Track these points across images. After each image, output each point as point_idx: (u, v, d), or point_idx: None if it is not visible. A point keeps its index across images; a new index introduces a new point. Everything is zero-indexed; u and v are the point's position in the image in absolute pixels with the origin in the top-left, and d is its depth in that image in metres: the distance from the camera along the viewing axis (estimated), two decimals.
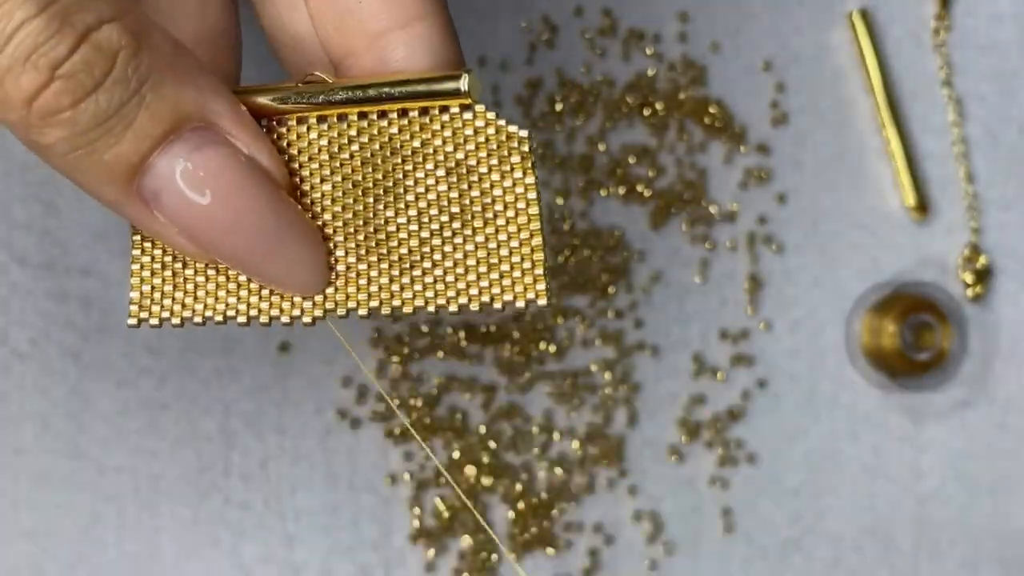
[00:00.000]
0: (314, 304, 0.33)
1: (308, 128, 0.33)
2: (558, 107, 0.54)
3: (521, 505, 0.53)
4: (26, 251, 0.51)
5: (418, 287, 0.32)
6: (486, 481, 0.53)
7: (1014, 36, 0.55)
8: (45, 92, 0.28)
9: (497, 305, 0.32)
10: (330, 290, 0.33)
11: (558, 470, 0.53)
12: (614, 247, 0.53)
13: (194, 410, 0.52)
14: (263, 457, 0.52)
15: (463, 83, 0.32)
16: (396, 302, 0.32)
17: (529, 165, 0.32)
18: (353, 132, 0.33)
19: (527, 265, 0.32)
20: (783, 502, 0.54)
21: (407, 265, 0.32)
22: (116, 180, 0.30)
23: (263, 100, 0.33)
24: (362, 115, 0.33)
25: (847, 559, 0.54)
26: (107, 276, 0.52)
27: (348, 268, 0.33)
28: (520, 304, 0.32)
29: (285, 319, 0.33)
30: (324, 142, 0.33)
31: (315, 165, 0.33)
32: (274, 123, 0.33)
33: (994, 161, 0.55)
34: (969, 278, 0.54)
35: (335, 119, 0.33)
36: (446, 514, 0.53)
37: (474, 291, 0.32)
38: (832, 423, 0.54)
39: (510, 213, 0.32)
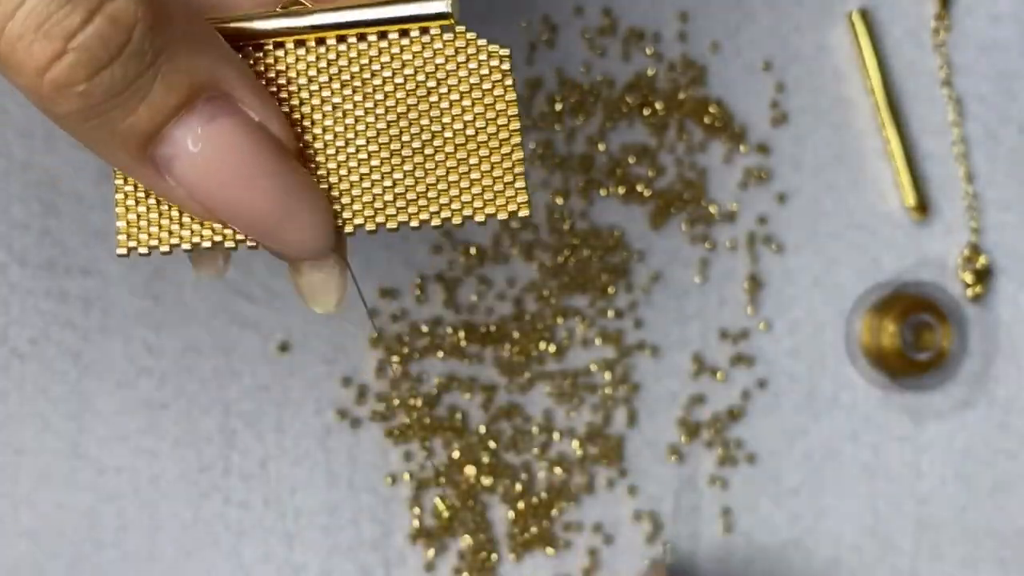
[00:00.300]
0: None
1: (286, 53, 0.33)
2: (558, 107, 0.54)
3: (521, 505, 0.53)
4: (26, 251, 0.51)
5: (400, 203, 0.33)
6: (486, 481, 0.53)
7: (1014, 36, 0.55)
8: (58, 63, 0.28)
9: (479, 219, 0.33)
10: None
11: (558, 470, 0.53)
12: (614, 247, 0.53)
13: (194, 410, 0.52)
14: (263, 457, 0.52)
15: (446, 4, 0.33)
16: (379, 219, 0.33)
17: (509, 82, 0.33)
18: (332, 55, 0.33)
19: (508, 179, 0.33)
20: (783, 502, 0.54)
21: (388, 183, 0.33)
22: (129, 148, 0.30)
23: (241, 25, 0.33)
24: (341, 39, 0.33)
25: (847, 559, 0.54)
26: (107, 276, 0.52)
27: (331, 188, 0.33)
28: (502, 216, 0.33)
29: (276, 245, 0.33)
30: (302, 66, 0.33)
31: (293, 88, 0.33)
32: (249, 48, 0.33)
33: (994, 161, 0.55)
34: (969, 278, 0.54)
35: (313, 43, 0.33)
36: (446, 514, 0.53)
37: (456, 205, 0.33)
38: (832, 423, 0.54)
39: (491, 129, 0.33)
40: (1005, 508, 0.54)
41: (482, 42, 0.33)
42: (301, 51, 0.33)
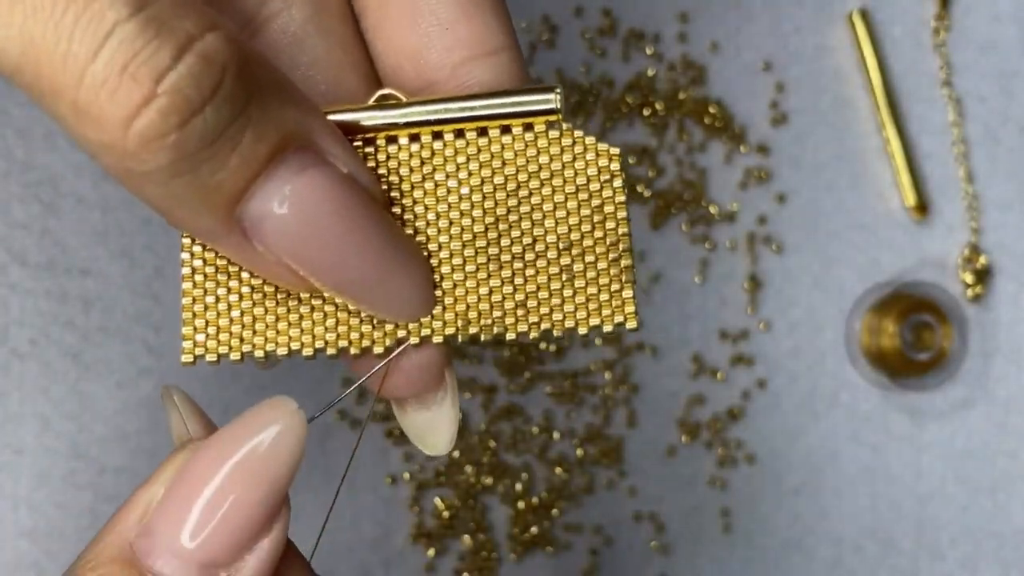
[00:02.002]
0: (385, 333, 0.30)
1: (376, 150, 0.31)
2: None
3: (521, 505, 0.53)
4: (26, 251, 0.51)
5: (497, 313, 0.30)
6: (486, 481, 0.53)
7: (1014, 36, 0.55)
8: (147, 109, 0.25)
9: (582, 330, 0.30)
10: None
11: (558, 470, 0.53)
12: None
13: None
14: None
15: (555, 100, 0.30)
16: (473, 329, 0.30)
17: (619, 183, 0.30)
18: (426, 154, 0.31)
19: (615, 287, 0.30)
20: (783, 502, 0.54)
21: (485, 291, 0.30)
22: (218, 209, 0.27)
23: (349, 118, 0.31)
24: (436, 135, 0.31)
25: (847, 559, 0.54)
26: (107, 276, 0.52)
27: None
28: (607, 329, 0.30)
29: (354, 350, 0.30)
30: (393, 164, 0.31)
31: (396, 180, 0.31)
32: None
33: (994, 161, 0.55)
34: (969, 278, 0.54)
35: (406, 140, 0.31)
36: (446, 514, 0.53)
37: (557, 316, 0.30)
38: (832, 423, 0.54)
39: (598, 233, 0.30)
40: (1005, 508, 0.54)
41: (590, 140, 0.30)
42: (393, 147, 0.31)
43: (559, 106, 0.30)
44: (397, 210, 0.31)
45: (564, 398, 0.53)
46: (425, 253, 0.30)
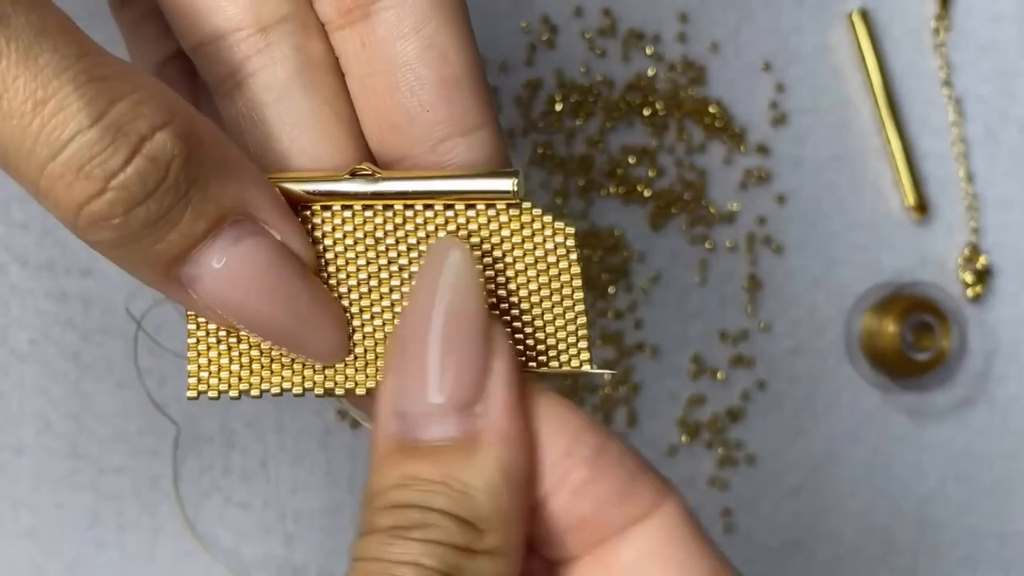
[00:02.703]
0: (367, 376, 0.34)
1: (353, 214, 0.34)
2: (558, 108, 0.54)
3: None
4: (26, 251, 0.51)
5: None
6: None
7: (1014, 36, 0.55)
8: (97, 200, 0.29)
9: (542, 369, 0.34)
10: (382, 362, 0.33)
11: None
12: (614, 247, 0.53)
13: (194, 410, 0.52)
14: (263, 457, 0.52)
15: (512, 184, 0.33)
16: None
17: (574, 257, 0.34)
18: (399, 220, 0.34)
19: (571, 340, 0.34)
20: (783, 502, 0.54)
21: None
22: (157, 270, 0.31)
23: (306, 190, 0.33)
24: (408, 205, 0.34)
25: (847, 559, 0.54)
26: (107, 276, 0.51)
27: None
28: (564, 369, 0.34)
29: (340, 391, 0.34)
30: (369, 228, 0.34)
31: (360, 248, 0.34)
32: (317, 207, 0.34)
33: (994, 161, 0.55)
34: (969, 278, 0.54)
35: (380, 207, 0.34)
36: None
37: (520, 359, 0.33)
38: (832, 423, 0.54)
39: (555, 298, 0.34)
40: (1005, 508, 0.54)
41: (547, 219, 0.34)
42: (368, 212, 0.34)
43: (517, 190, 0.33)
44: (372, 270, 0.34)
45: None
46: (400, 307, 0.34)
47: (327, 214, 0.34)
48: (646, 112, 0.54)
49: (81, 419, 0.51)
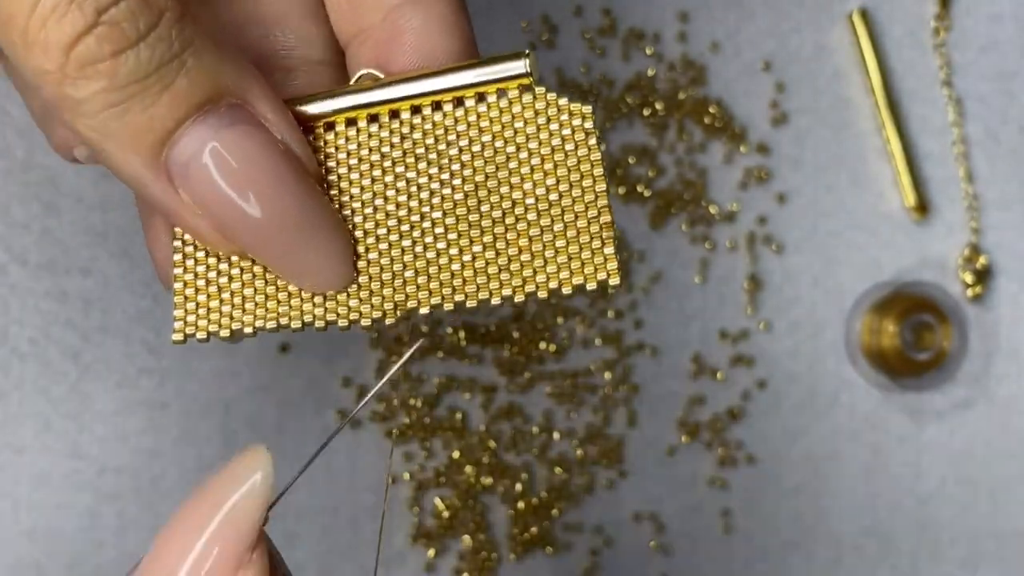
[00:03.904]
0: (372, 306, 0.31)
1: (358, 131, 0.32)
2: None
3: (521, 505, 0.53)
4: (26, 251, 0.51)
5: (481, 279, 0.31)
6: (486, 481, 0.53)
7: (1014, 36, 0.55)
8: (87, 37, 0.28)
9: (566, 290, 0.30)
10: (387, 291, 0.31)
11: (558, 470, 0.53)
12: None
13: (194, 410, 0.52)
14: None
15: (525, 64, 0.31)
16: (459, 296, 0.31)
17: (594, 141, 0.31)
18: (406, 129, 0.32)
19: (596, 244, 0.30)
20: (783, 502, 0.54)
21: (468, 257, 0.31)
22: (144, 148, 0.29)
23: (312, 109, 0.32)
24: (415, 109, 0.32)
25: (847, 559, 0.54)
26: (107, 276, 0.52)
27: (405, 266, 0.31)
28: (591, 286, 0.30)
29: (343, 323, 0.31)
30: (375, 143, 0.32)
31: (365, 167, 0.32)
32: (320, 129, 0.32)
33: (994, 161, 0.55)
34: (969, 278, 0.54)
35: (387, 118, 0.32)
36: (446, 514, 0.53)
37: (541, 277, 0.30)
38: (832, 423, 0.54)
39: (575, 192, 0.31)
40: (1005, 508, 0.54)
41: (563, 102, 0.31)
42: (374, 127, 0.32)
43: (529, 70, 0.31)
44: (378, 188, 0.32)
45: (564, 398, 0.53)
46: (408, 227, 0.31)
47: (330, 135, 0.32)
48: (646, 112, 0.54)
49: (81, 419, 0.51)
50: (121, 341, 0.52)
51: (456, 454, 0.53)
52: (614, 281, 0.30)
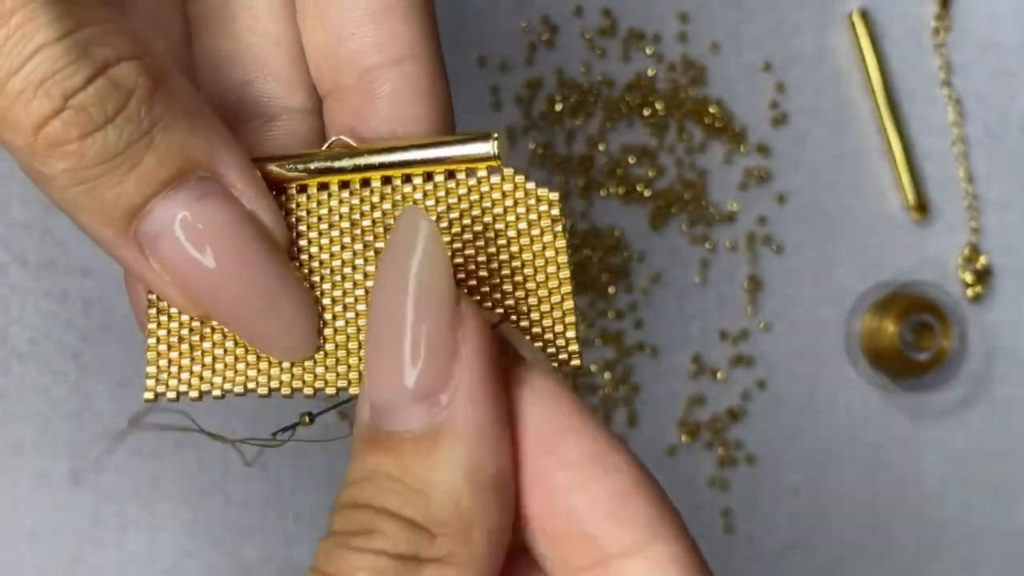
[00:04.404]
0: (337, 375, 0.32)
1: (329, 195, 0.32)
2: (558, 107, 0.54)
3: None
4: (26, 251, 0.51)
5: None
6: None
7: (1014, 36, 0.55)
8: (54, 121, 0.28)
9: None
10: (353, 360, 0.31)
11: None
12: (614, 247, 0.53)
13: (194, 410, 0.52)
14: (263, 457, 0.52)
15: (492, 146, 0.31)
16: None
17: (560, 228, 0.31)
18: (376, 198, 0.32)
19: (559, 328, 0.31)
20: (783, 502, 0.54)
21: None
22: (114, 221, 0.29)
23: (281, 170, 0.32)
24: (386, 180, 0.32)
25: (847, 559, 0.54)
26: (107, 276, 0.51)
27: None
28: (554, 365, 0.31)
29: (308, 391, 0.32)
30: (345, 209, 0.32)
31: (335, 232, 0.32)
32: (293, 190, 0.32)
33: (994, 161, 0.55)
34: (969, 278, 0.54)
35: (357, 185, 0.32)
36: None
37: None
38: (832, 423, 0.54)
39: (540, 277, 0.31)
40: (1005, 508, 0.54)
41: (530, 186, 0.31)
42: (345, 193, 0.32)
43: (496, 152, 0.31)
44: (347, 256, 0.32)
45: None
46: (351, 300, 0.31)
47: (303, 197, 0.32)
48: (646, 112, 0.54)
49: (81, 419, 0.51)
50: (121, 341, 0.52)
51: None
52: (575, 362, 0.31)
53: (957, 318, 0.53)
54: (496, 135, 0.31)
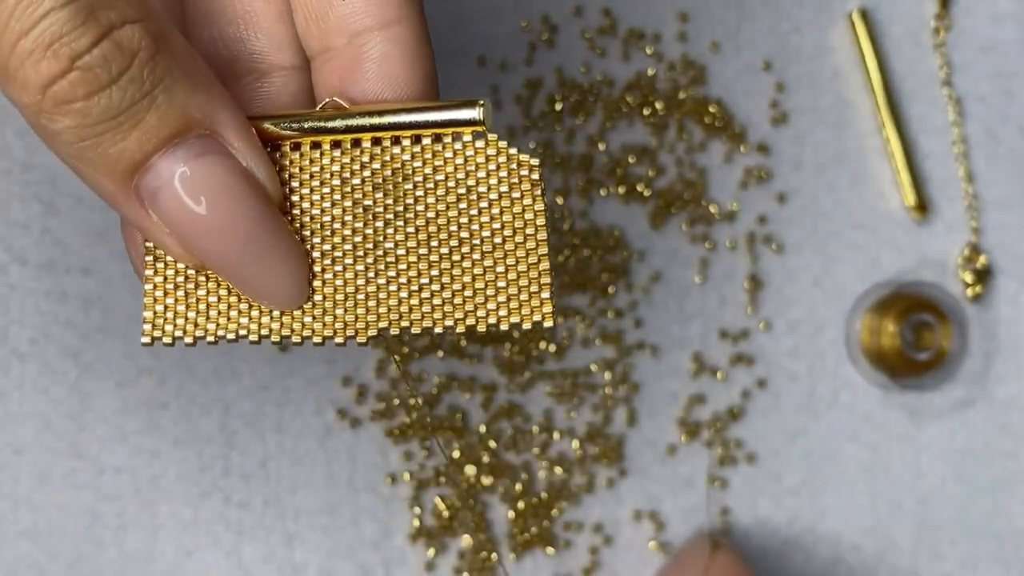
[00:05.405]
0: (324, 324, 0.33)
1: (321, 154, 0.34)
2: (558, 107, 0.54)
3: (521, 505, 0.53)
4: (26, 251, 0.51)
5: (426, 308, 0.33)
6: (486, 481, 0.53)
7: (1014, 36, 0.55)
8: (61, 80, 0.29)
9: (504, 327, 0.33)
10: (339, 311, 0.33)
11: (558, 470, 0.53)
12: (614, 247, 0.54)
13: (194, 410, 0.52)
14: (263, 457, 0.52)
15: (479, 112, 0.33)
16: (404, 323, 0.33)
17: (539, 192, 0.33)
18: (366, 158, 0.34)
19: (534, 288, 0.33)
20: (783, 502, 0.54)
21: (415, 287, 0.33)
22: (117, 175, 0.31)
23: (276, 128, 0.34)
24: (376, 141, 0.34)
25: (847, 559, 0.54)
26: (107, 276, 0.52)
27: (357, 290, 0.33)
28: (527, 326, 0.33)
29: (296, 339, 0.33)
30: (336, 168, 0.34)
31: (326, 190, 0.34)
32: (287, 148, 0.34)
33: (994, 161, 0.55)
34: (969, 278, 0.54)
35: (348, 145, 0.34)
36: (446, 514, 0.53)
37: (481, 313, 0.33)
38: (832, 423, 0.54)
39: (518, 238, 0.33)
40: (1005, 508, 0.54)
41: (512, 151, 0.33)
42: (337, 152, 0.34)
43: (482, 117, 0.33)
44: (336, 212, 0.34)
45: (564, 398, 0.53)
46: (362, 252, 0.33)
47: (296, 155, 0.34)
48: (646, 111, 0.54)
49: (81, 419, 0.51)
50: (121, 341, 0.52)
51: (456, 454, 0.53)
52: (548, 323, 0.33)
53: (957, 318, 0.53)
54: (482, 101, 0.33)
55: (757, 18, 0.54)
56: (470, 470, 0.53)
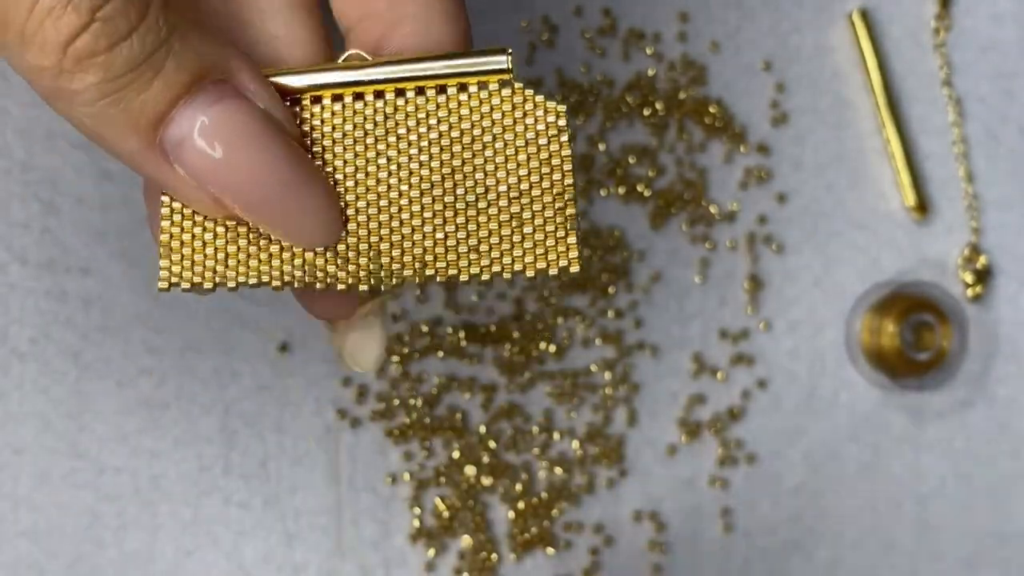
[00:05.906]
0: (348, 272, 0.33)
1: (344, 107, 0.34)
2: None
3: (521, 505, 0.53)
4: (26, 251, 0.51)
5: (452, 256, 0.33)
6: (486, 481, 0.53)
7: (1014, 36, 0.55)
8: (84, 34, 0.30)
9: (529, 273, 0.32)
10: (363, 260, 0.33)
11: (558, 470, 0.53)
12: (614, 247, 0.54)
13: (194, 410, 0.52)
14: (263, 457, 0.52)
15: (507, 61, 0.33)
16: (429, 271, 0.33)
17: (565, 138, 0.33)
18: (389, 110, 0.34)
19: (560, 234, 0.32)
20: (783, 502, 0.54)
21: (440, 235, 0.33)
22: (141, 130, 0.31)
23: (299, 82, 0.34)
24: (399, 92, 0.34)
25: (847, 559, 0.54)
26: (107, 276, 0.52)
27: (381, 239, 0.33)
28: (553, 272, 0.32)
29: (320, 285, 0.33)
30: (360, 119, 0.34)
31: (349, 141, 0.34)
32: (307, 101, 0.34)
33: (994, 161, 0.55)
34: (969, 278, 0.54)
35: (371, 97, 0.34)
36: (446, 514, 0.53)
37: (507, 260, 0.33)
38: (832, 423, 0.54)
39: (545, 184, 0.33)
40: (1005, 508, 0.54)
41: (539, 98, 0.33)
42: (359, 104, 0.34)
43: (510, 66, 0.33)
44: (360, 163, 0.33)
45: (564, 398, 0.53)
46: (386, 202, 0.33)
47: (317, 108, 0.34)
48: (646, 112, 0.54)
49: (81, 419, 0.51)
50: (121, 341, 0.52)
51: (456, 454, 0.53)
52: (575, 269, 0.32)
53: (957, 318, 0.53)
54: (510, 50, 0.33)
55: (757, 18, 0.54)
56: (470, 470, 0.53)
